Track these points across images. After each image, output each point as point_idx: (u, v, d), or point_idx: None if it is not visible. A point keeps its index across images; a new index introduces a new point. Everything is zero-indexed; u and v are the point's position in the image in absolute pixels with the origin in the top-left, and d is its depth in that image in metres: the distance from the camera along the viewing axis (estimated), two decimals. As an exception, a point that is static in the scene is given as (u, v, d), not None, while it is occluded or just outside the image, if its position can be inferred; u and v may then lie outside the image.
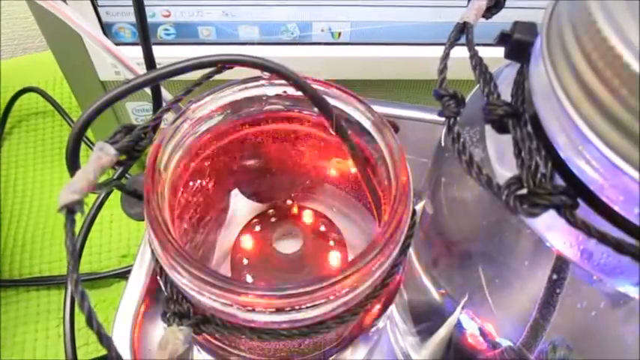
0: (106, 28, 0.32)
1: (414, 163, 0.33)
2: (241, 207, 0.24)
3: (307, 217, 0.25)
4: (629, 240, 0.13)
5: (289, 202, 0.25)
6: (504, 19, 0.19)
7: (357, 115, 0.21)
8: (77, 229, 0.17)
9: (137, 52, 0.25)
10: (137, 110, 0.36)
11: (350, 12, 0.32)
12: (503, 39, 0.17)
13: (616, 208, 0.13)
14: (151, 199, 0.17)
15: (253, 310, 0.17)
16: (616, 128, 0.12)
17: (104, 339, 0.12)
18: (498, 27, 0.18)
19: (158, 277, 0.19)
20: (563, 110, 0.13)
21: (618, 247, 0.13)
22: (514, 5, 0.31)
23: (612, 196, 0.13)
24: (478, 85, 0.16)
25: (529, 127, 0.15)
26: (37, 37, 0.54)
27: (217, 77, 0.20)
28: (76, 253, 0.13)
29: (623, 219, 0.13)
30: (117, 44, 0.30)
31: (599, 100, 0.12)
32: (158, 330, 0.25)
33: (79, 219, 0.18)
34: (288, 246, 0.24)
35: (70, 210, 0.13)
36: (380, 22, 0.32)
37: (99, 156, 0.16)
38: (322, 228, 0.25)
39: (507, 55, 0.17)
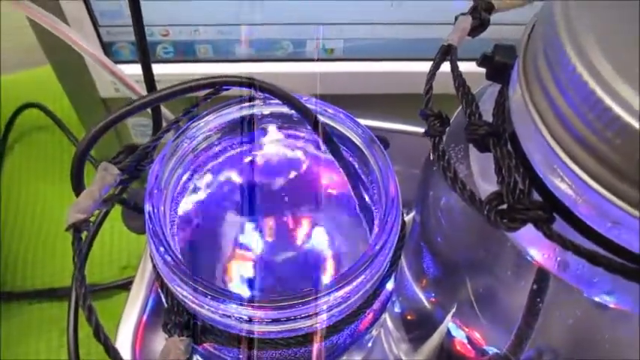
0: (106, 47, 0.33)
1: (406, 174, 0.34)
2: (238, 220, 0.25)
3: (303, 229, 0.26)
4: (602, 252, 0.14)
5: (285, 215, 0.26)
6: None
7: (347, 132, 0.22)
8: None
9: (136, 69, 0.26)
10: (136, 126, 0.37)
11: (343, 29, 0.33)
12: (485, 61, 0.18)
13: (589, 222, 0.14)
14: (152, 215, 0.18)
15: (250, 321, 0.17)
16: (585, 150, 0.13)
17: (111, 351, 0.13)
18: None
19: (159, 290, 0.20)
20: (538, 131, 0.14)
21: (591, 258, 0.14)
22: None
23: (585, 212, 0.14)
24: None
25: (509, 146, 0.16)
26: (36, 52, 0.54)
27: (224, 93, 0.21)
28: (83, 270, 0.13)
29: (596, 232, 0.14)
30: (117, 62, 0.31)
31: (570, 124, 0.13)
32: (159, 340, 0.26)
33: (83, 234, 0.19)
34: (285, 258, 0.24)
35: (77, 229, 0.14)
36: (372, 39, 0.33)
37: (103, 175, 0.17)
38: (318, 240, 0.26)
39: (488, 77, 0.18)
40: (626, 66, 0.12)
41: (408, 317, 0.27)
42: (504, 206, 0.15)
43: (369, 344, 0.27)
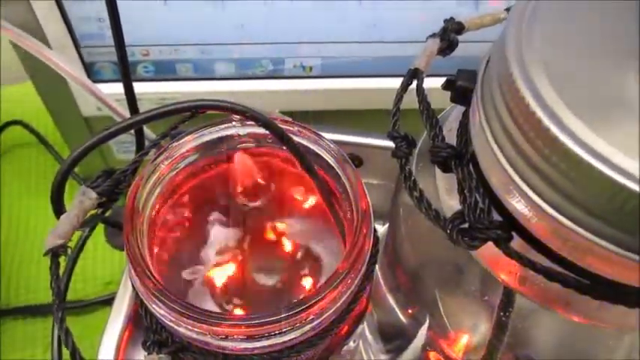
0: (88, 67, 0.34)
1: (385, 188, 0.34)
2: (219, 238, 0.26)
3: (283, 245, 0.27)
4: (558, 268, 0.15)
5: (263, 231, 0.27)
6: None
7: (321, 152, 0.22)
8: (63, 264, 0.19)
9: (118, 88, 0.27)
10: (119, 143, 0.38)
11: (320, 48, 0.34)
12: (449, 85, 0.19)
13: (544, 241, 0.15)
14: (130, 237, 0.19)
15: (226, 338, 0.18)
16: (536, 173, 0.14)
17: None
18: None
19: (139, 309, 0.20)
20: (493, 154, 0.15)
21: (547, 274, 0.15)
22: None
23: (539, 231, 0.15)
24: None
25: (470, 167, 0.17)
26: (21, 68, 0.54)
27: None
28: (61, 294, 0.14)
29: (551, 250, 0.15)
30: (99, 81, 0.31)
31: (520, 148, 0.14)
32: (141, 356, 0.26)
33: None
34: (265, 274, 0.25)
35: (55, 254, 0.15)
36: (349, 57, 0.34)
37: (81, 200, 0.18)
38: (297, 255, 0.26)
39: (452, 100, 0.19)
40: (572, 96, 0.13)
41: (386, 329, 0.28)
42: (466, 225, 0.16)
43: (348, 356, 0.27)
